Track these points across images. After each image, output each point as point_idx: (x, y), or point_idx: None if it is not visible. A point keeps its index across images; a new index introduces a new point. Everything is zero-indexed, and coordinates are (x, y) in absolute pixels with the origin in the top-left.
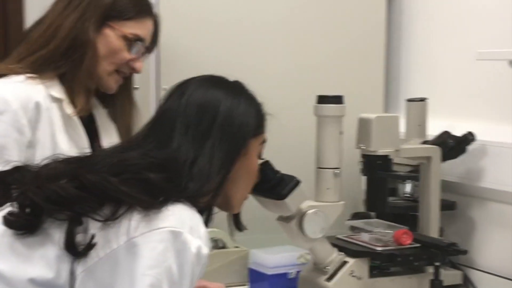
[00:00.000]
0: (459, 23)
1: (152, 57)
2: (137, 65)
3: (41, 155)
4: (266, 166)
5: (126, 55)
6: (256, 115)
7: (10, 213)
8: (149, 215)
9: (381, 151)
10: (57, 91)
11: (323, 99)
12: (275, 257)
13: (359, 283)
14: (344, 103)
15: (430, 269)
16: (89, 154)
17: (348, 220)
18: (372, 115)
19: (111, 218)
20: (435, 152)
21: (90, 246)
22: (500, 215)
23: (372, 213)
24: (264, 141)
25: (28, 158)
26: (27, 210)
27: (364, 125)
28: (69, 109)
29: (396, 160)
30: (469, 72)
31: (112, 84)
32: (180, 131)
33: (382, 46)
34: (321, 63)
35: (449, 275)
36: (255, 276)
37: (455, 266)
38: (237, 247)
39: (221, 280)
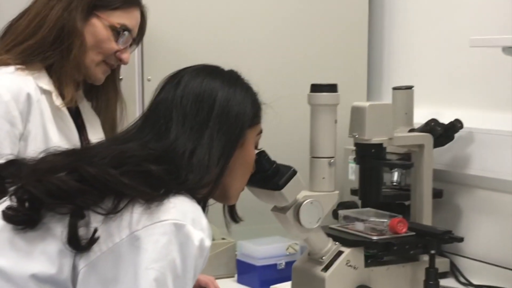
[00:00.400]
0: (443, 11)
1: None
2: (124, 56)
3: (33, 148)
4: (262, 157)
5: (114, 46)
6: (252, 104)
7: (9, 208)
8: (151, 208)
9: (375, 140)
10: (46, 83)
11: (316, 88)
12: (264, 248)
13: (355, 272)
14: (338, 92)
15: (424, 258)
16: (86, 146)
17: (336, 209)
18: (365, 103)
19: (113, 211)
20: (428, 139)
21: (93, 240)
22: (487, 202)
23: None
24: (260, 132)
25: (20, 151)
26: (26, 204)
27: (357, 114)
28: (58, 101)
29: None
30: (453, 59)
31: (99, 74)
32: (177, 122)
33: (364, 35)
34: (301, 51)
35: (437, 263)
36: (243, 267)
37: (442, 253)
38: (223, 238)
39: (208, 272)
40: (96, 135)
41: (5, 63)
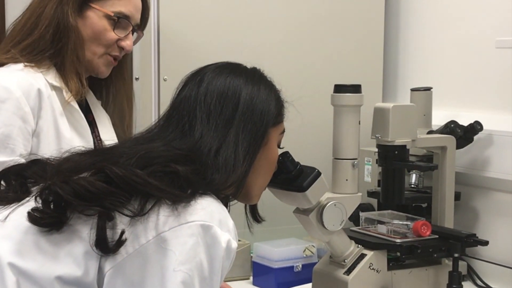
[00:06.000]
0: (458, 12)
1: (152, 47)
2: (125, 43)
3: (45, 144)
4: (285, 158)
5: (113, 35)
6: (276, 102)
7: (34, 209)
8: (178, 209)
9: (398, 141)
10: (54, 79)
11: (340, 88)
12: (281, 250)
13: (378, 276)
14: (362, 92)
15: (446, 261)
16: (111, 146)
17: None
18: (389, 104)
19: (140, 213)
20: (451, 141)
21: (120, 242)
22: (505, 205)
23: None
24: (283, 131)
25: (33, 148)
26: (51, 205)
27: (380, 115)
28: (67, 96)
29: None
30: (470, 61)
31: (102, 67)
32: (201, 120)
33: (380, 36)
34: (316, 52)
35: None
36: (259, 269)
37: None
38: (239, 240)
39: None
40: (106, 132)
41: (15, 61)
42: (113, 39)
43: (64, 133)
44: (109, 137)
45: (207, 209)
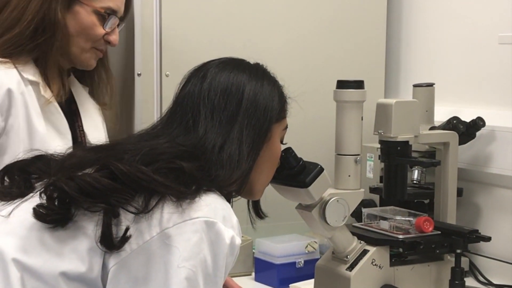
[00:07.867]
0: (460, 8)
1: (154, 42)
2: (112, 38)
3: (15, 142)
4: (288, 153)
5: (100, 31)
6: (279, 98)
7: (40, 206)
8: (181, 205)
9: (401, 137)
10: (32, 74)
11: (343, 84)
12: (283, 246)
13: (380, 272)
14: (364, 88)
15: (448, 257)
16: (115, 142)
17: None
18: (391, 100)
19: (144, 210)
20: (453, 137)
21: (125, 239)
22: (507, 201)
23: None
24: (286, 127)
25: (2, 145)
26: (56, 202)
27: (383, 111)
28: (46, 93)
29: None
30: (473, 57)
31: (90, 60)
32: (205, 116)
33: (382, 32)
34: (318, 48)
35: None
36: (261, 265)
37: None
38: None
39: None
40: (90, 122)
41: None
42: (100, 34)
43: (38, 129)
44: (93, 127)
45: (211, 206)
